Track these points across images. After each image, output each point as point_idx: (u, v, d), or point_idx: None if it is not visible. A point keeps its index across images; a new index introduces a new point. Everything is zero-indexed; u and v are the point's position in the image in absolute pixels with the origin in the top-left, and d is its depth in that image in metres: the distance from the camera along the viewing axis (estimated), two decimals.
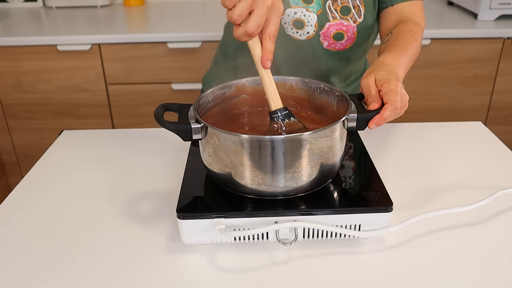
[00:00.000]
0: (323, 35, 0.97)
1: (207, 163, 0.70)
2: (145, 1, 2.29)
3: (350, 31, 0.97)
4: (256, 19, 0.65)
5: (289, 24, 0.96)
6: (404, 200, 0.79)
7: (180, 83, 1.87)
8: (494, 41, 1.79)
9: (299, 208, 0.67)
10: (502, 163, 0.91)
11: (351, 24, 0.96)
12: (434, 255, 0.68)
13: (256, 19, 0.65)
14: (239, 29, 0.66)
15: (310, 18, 0.95)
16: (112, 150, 0.97)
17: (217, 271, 0.66)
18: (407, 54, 0.84)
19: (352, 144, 0.86)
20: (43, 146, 1.07)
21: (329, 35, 0.97)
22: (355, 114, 0.68)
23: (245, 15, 0.65)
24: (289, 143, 0.63)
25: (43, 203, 0.81)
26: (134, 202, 0.80)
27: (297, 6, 0.94)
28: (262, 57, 0.68)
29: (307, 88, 0.80)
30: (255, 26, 0.65)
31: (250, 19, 0.65)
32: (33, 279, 0.65)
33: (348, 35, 0.97)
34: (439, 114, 1.94)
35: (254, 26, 0.65)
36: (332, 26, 0.96)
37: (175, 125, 0.66)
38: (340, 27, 0.96)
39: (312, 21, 0.95)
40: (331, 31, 0.96)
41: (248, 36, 0.66)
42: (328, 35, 0.97)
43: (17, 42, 1.76)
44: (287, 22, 0.96)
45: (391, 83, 0.69)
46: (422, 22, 0.95)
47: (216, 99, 0.78)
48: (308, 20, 0.95)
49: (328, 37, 0.97)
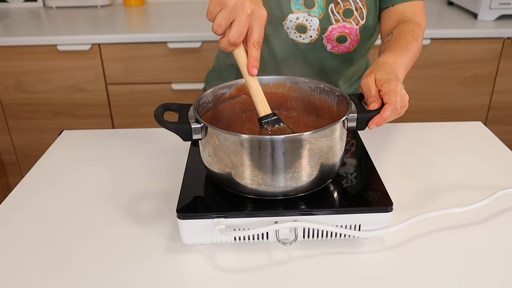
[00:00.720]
0: (326, 38, 0.97)
1: (207, 163, 0.70)
2: (145, 1, 2.29)
3: (353, 33, 0.97)
4: (237, 28, 0.65)
5: (292, 29, 0.97)
6: (404, 200, 0.79)
7: (180, 83, 1.87)
8: (494, 41, 1.79)
9: (299, 208, 0.66)
10: (502, 163, 0.91)
11: (353, 27, 0.96)
12: (434, 255, 0.68)
13: (237, 27, 0.65)
14: (223, 40, 0.67)
15: (312, 23, 0.95)
16: (112, 150, 0.97)
17: (217, 271, 0.66)
18: (408, 54, 0.84)
19: (354, 141, 0.86)
20: (43, 146, 1.07)
21: (332, 38, 0.97)
22: (355, 114, 0.68)
23: (225, 25, 0.66)
24: (289, 143, 0.63)
25: (43, 203, 0.81)
26: (134, 202, 0.80)
27: (299, 11, 0.94)
28: (248, 64, 0.69)
29: (307, 88, 0.80)
30: (236, 34, 0.66)
31: (231, 29, 0.66)
32: (33, 279, 0.65)
33: (351, 38, 0.97)
34: (439, 114, 1.94)
35: (236, 35, 0.66)
36: (335, 29, 0.96)
37: (175, 125, 0.66)
38: (343, 30, 0.96)
39: (315, 25, 0.95)
40: (334, 34, 0.96)
41: (231, 45, 0.67)
42: (331, 38, 0.97)
43: (17, 42, 1.76)
44: (289, 27, 0.96)
45: (391, 83, 0.69)
46: (423, 22, 0.95)
47: (216, 99, 0.78)
48: (311, 24, 0.95)
49: (331, 40, 0.97)
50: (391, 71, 0.74)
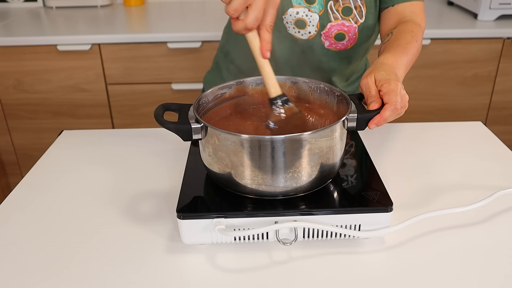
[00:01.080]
0: (325, 35, 0.97)
1: (207, 163, 0.70)
2: (145, 1, 2.29)
3: (351, 31, 0.97)
4: (254, 13, 0.66)
5: (291, 24, 0.96)
6: (404, 200, 0.79)
7: (180, 83, 1.87)
8: (494, 41, 1.79)
9: (299, 208, 0.66)
10: (502, 163, 0.91)
11: (352, 25, 0.96)
12: (434, 255, 0.68)
13: (254, 13, 0.66)
14: (238, 24, 0.68)
15: (312, 18, 0.95)
16: (112, 150, 0.97)
17: (217, 271, 0.66)
18: (407, 54, 0.84)
19: (353, 142, 0.86)
20: (43, 146, 1.07)
21: (330, 35, 0.97)
22: (355, 114, 0.68)
23: (241, 10, 0.66)
24: (289, 143, 0.63)
25: (43, 203, 0.81)
26: (134, 202, 0.80)
27: (300, 6, 0.94)
28: (262, 48, 0.70)
29: (307, 88, 0.80)
30: (253, 20, 0.67)
31: (248, 14, 0.66)
32: (33, 279, 0.65)
33: (349, 36, 0.97)
34: (439, 114, 1.94)
35: (253, 21, 0.67)
36: (334, 26, 0.95)
37: (175, 125, 0.66)
38: (342, 28, 0.96)
39: (314, 21, 0.95)
40: (333, 32, 0.96)
41: (247, 30, 0.68)
42: (330, 35, 0.97)
43: (17, 42, 1.76)
44: (289, 22, 0.96)
45: (391, 83, 0.69)
46: (422, 23, 0.95)
47: (216, 99, 0.78)
48: (310, 20, 0.95)
49: (329, 37, 0.97)
50: (391, 71, 0.74)
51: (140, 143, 0.99)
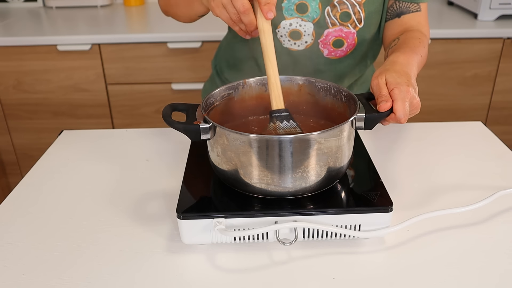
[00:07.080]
0: (322, 43, 0.95)
1: (216, 162, 0.70)
2: (145, 1, 2.29)
3: (350, 37, 0.95)
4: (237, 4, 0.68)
5: (286, 37, 0.95)
6: (404, 200, 0.79)
7: (180, 83, 1.87)
8: (494, 41, 1.79)
9: (299, 208, 0.66)
10: (502, 163, 0.91)
11: (350, 31, 0.94)
12: (434, 255, 0.68)
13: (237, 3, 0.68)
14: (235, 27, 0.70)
15: (306, 28, 0.93)
16: (112, 150, 0.97)
17: (217, 271, 0.66)
18: (417, 54, 0.83)
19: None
20: (43, 146, 1.07)
21: (328, 42, 0.95)
22: (363, 113, 0.68)
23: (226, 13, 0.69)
24: (298, 142, 0.63)
25: (42, 203, 0.81)
26: (134, 202, 0.80)
27: (292, 17, 0.92)
28: (262, 10, 0.70)
29: (314, 87, 0.80)
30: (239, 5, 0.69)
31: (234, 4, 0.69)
32: (33, 279, 0.65)
33: (348, 42, 0.96)
34: (439, 114, 1.94)
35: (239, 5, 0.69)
36: (331, 33, 0.94)
37: (184, 125, 0.66)
38: (340, 34, 0.94)
39: (309, 30, 0.94)
40: (330, 39, 0.95)
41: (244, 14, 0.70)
42: (327, 43, 0.95)
43: (17, 42, 1.76)
44: (283, 35, 0.95)
45: (402, 89, 0.69)
46: (427, 33, 0.94)
47: (223, 99, 0.78)
48: (305, 29, 0.93)
49: (327, 45, 0.95)
50: (402, 72, 0.74)
51: (140, 143, 0.99)
